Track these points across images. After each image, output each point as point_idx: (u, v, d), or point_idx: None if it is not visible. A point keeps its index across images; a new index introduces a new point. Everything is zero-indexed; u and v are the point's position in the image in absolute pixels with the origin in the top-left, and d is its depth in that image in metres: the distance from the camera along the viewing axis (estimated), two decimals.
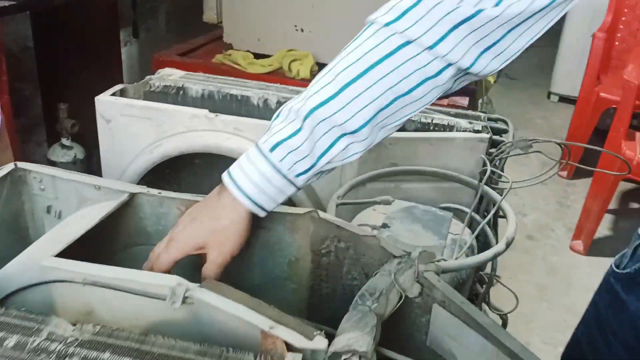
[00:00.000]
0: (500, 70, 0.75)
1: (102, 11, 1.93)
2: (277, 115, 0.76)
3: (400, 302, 0.68)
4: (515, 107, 4.31)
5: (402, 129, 1.13)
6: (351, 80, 0.69)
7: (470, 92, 1.75)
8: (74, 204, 0.88)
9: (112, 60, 2.11)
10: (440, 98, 1.64)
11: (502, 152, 1.05)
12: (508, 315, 1.01)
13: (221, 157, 1.06)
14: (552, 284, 2.28)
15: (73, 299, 0.70)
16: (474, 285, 1.08)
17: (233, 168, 0.75)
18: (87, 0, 1.71)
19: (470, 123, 1.12)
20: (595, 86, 3.13)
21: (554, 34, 5.33)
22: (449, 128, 1.12)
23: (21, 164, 0.89)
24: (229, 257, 0.77)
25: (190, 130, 1.08)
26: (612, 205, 2.79)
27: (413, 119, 1.13)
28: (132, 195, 0.85)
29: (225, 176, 0.75)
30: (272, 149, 0.73)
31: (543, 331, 2.03)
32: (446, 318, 0.68)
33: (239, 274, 0.87)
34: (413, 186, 1.08)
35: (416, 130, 1.13)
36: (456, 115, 1.16)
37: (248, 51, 1.89)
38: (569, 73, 4.22)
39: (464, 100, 1.71)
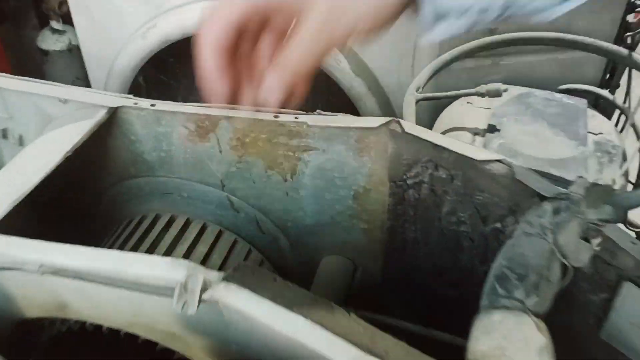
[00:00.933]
0: None
1: None
2: None
3: (567, 281, 0.40)
4: None
5: None
6: None
7: None
8: (36, 125, 0.60)
9: None
10: None
11: None
12: None
13: None
14: None
15: (35, 290, 0.45)
16: None
17: None
18: None
19: None
20: None
21: None
22: None
23: None
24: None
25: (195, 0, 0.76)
26: None
27: None
28: (114, 111, 0.56)
29: None
30: None
31: None
32: None
33: (283, 213, 0.60)
34: (518, 60, 0.75)
35: None
36: None
37: None
38: None
39: None
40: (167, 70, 0.85)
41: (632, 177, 0.67)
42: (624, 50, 0.67)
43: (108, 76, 0.81)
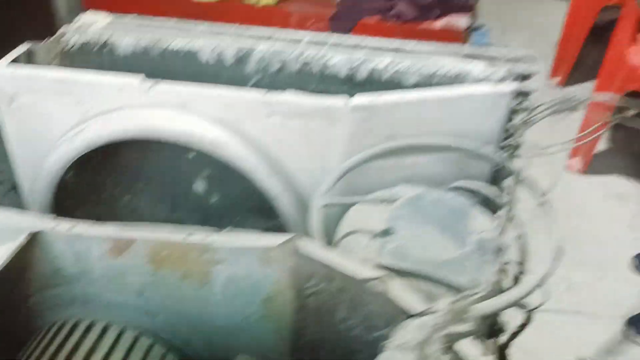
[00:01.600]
0: None
1: None
2: None
3: None
4: (502, 3, 3.95)
5: (399, 84, 0.88)
6: None
7: (469, 7, 1.46)
8: None
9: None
10: (434, 18, 1.31)
11: (529, 114, 0.80)
12: None
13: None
14: None
15: None
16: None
17: None
18: None
19: (487, 68, 0.86)
20: None
21: None
22: (459, 78, 0.86)
23: None
24: None
25: (122, 106, 0.81)
26: None
27: (412, 70, 0.87)
28: (33, 235, 0.60)
29: None
30: None
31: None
32: None
33: (197, 317, 0.66)
34: (418, 160, 0.84)
35: (417, 85, 0.87)
36: (468, 56, 0.90)
37: None
38: None
39: (463, 20, 1.43)
40: (96, 169, 0.89)
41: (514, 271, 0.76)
42: (493, 155, 0.77)
43: (36, 177, 0.85)
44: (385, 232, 0.70)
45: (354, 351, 0.60)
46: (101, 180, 0.91)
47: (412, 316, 0.51)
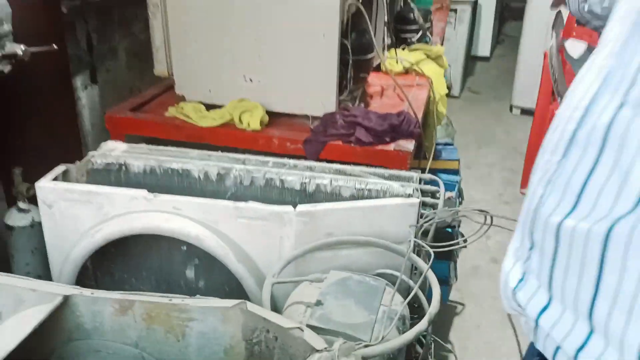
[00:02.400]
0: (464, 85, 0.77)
1: (51, 70, 1.93)
2: None
3: None
4: (478, 122, 4.39)
5: (339, 196, 1.18)
6: None
7: (416, 135, 1.81)
8: (12, 306, 0.91)
9: (66, 117, 2.12)
10: (386, 142, 1.65)
11: (427, 221, 1.10)
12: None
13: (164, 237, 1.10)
14: None
15: None
16: (414, 347, 1.12)
17: None
18: (33, 65, 1.71)
19: (403, 186, 1.17)
20: (550, 102, 3.22)
21: (513, 44, 5.45)
22: (382, 193, 1.16)
23: None
24: None
25: (131, 211, 1.11)
26: None
27: (348, 185, 1.17)
28: (66, 297, 0.87)
29: None
30: None
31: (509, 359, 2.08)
32: None
33: None
34: (350, 252, 1.12)
35: (351, 196, 1.17)
36: (389, 178, 1.21)
37: (200, 102, 1.92)
38: (528, 87, 4.31)
39: (410, 144, 1.76)
40: (110, 258, 1.17)
41: None
42: (402, 250, 1.05)
43: (64, 261, 1.13)
44: (317, 303, 0.96)
45: None
46: (113, 267, 1.19)
47: (317, 351, 0.76)
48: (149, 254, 1.18)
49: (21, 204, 1.86)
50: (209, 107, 1.96)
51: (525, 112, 4.46)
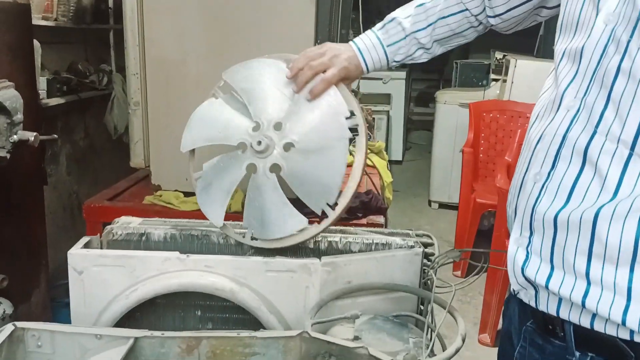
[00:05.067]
0: None
1: (26, 171, 1.97)
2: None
3: None
4: (402, 216, 4.72)
5: (349, 251, 1.31)
6: None
7: (384, 210, 2.00)
8: (74, 356, 0.93)
9: (35, 214, 2.13)
10: (359, 217, 1.85)
11: (435, 263, 1.26)
12: None
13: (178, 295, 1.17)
14: None
15: None
16: None
17: (356, 38, 1.24)
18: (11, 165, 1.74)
19: (404, 240, 1.33)
20: (471, 193, 3.59)
21: (423, 149, 6.01)
22: (388, 246, 1.32)
23: (20, 323, 0.93)
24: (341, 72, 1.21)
25: (163, 272, 1.18)
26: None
27: (356, 241, 1.31)
28: (136, 339, 0.92)
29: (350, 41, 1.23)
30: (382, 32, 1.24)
31: None
32: None
33: None
34: (366, 300, 1.24)
35: (361, 251, 1.31)
36: (390, 234, 1.37)
37: (177, 190, 2.02)
38: (443, 183, 4.76)
39: (380, 218, 1.95)
40: (135, 322, 1.21)
41: None
42: (423, 291, 1.19)
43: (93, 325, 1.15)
44: (355, 338, 1.07)
45: None
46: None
47: None
48: (170, 312, 1.22)
49: None
50: (187, 194, 2.06)
51: (442, 205, 4.87)
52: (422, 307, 1.28)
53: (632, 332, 0.82)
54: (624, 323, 0.81)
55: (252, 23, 1.87)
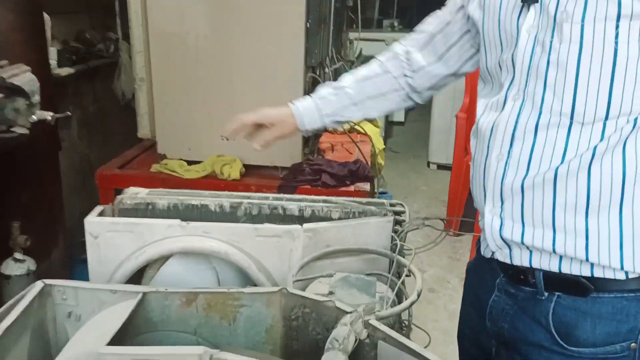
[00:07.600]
0: (385, 146, 1.23)
1: (42, 139, 2.14)
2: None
3: (357, 342, 1.01)
4: (401, 177, 4.89)
5: (330, 218, 1.49)
6: None
7: (371, 178, 2.18)
8: (93, 308, 1.13)
9: (52, 179, 2.31)
10: (347, 185, 2.05)
11: (403, 230, 1.44)
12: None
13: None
14: (455, 328, 2.69)
15: None
16: (397, 330, 1.43)
17: (297, 99, 1.45)
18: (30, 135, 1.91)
19: (378, 209, 1.51)
20: (464, 157, 3.74)
21: (425, 110, 6.12)
22: (364, 214, 1.50)
23: (48, 281, 1.12)
24: (278, 133, 1.44)
25: (166, 237, 1.36)
26: None
27: (336, 209, 1.49)
28: (144, 294, 1.11)
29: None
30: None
31: None
32: (388, 349, 1.01)
33: (227, 344, 1.15)
34: (343, 260, 1.42)
35: (340, 218, 1.49)
36: (367, 204, 1.54)
37: (181, 159, 2.20)
38: (441, 146, 4.91)
39: (366, 185, 2.13)
40: (140, 279, 1.40)
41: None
42: (388, 252, 1.38)
43: (107, 283, 1.35)
44: (330, 293, 1.26)
45: (320, 349, 1.12)
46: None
47: (347, 313, 1.06)
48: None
49: (17, 255, 2.02)
50: (190, 162, 2.24)
51: (440, 167, 5.03)
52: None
53: (592, 266, 1.03)
54: (587, 259, 1.02)
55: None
